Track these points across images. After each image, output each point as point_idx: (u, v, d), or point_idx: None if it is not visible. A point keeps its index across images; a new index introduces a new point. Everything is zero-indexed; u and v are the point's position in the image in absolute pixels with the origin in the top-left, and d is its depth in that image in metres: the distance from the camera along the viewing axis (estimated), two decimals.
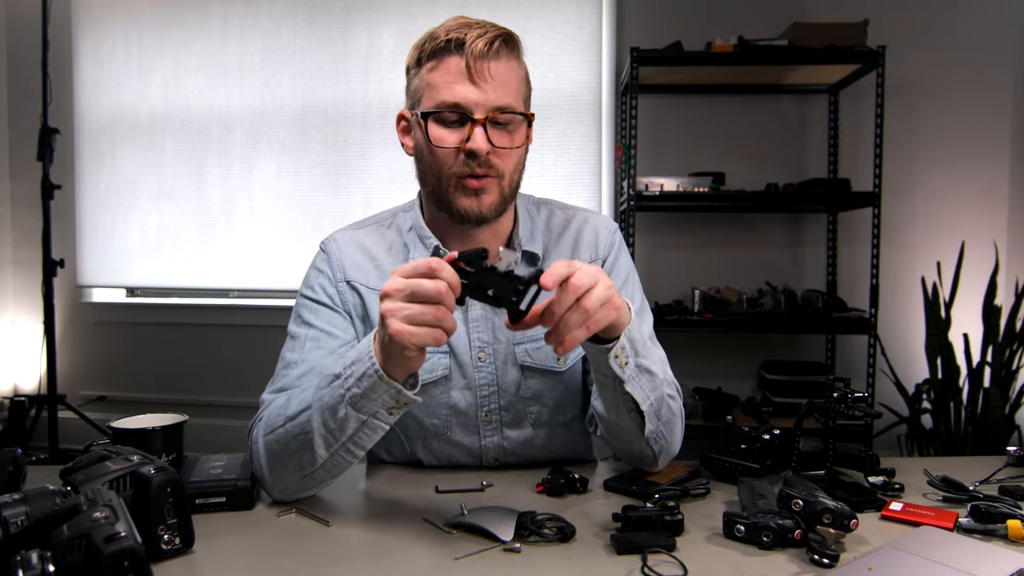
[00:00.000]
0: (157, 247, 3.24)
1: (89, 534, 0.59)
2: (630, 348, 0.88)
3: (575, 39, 2.92)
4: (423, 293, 0.76)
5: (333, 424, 0.85)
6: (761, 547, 0.77)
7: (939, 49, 2.79)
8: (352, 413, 0.83)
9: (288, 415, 0.90)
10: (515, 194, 1.06)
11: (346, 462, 0.88)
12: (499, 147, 0.98)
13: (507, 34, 0.99)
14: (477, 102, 0.95)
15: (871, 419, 2.20)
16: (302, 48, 3.11)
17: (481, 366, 1.07)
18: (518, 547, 0.77)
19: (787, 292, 2.73)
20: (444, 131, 0.98)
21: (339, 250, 1.10)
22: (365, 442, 0.86)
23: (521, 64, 1.03)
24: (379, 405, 0.83)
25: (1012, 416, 2.35)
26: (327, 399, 0.85)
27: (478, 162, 0.96)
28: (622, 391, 0.90)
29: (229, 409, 3.11)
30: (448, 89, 0.96)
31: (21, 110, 3.29)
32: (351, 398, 0.82)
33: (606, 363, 0.87)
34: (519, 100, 1.00)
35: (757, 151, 2.87)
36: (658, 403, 0.94)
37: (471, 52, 0.95)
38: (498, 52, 0.97)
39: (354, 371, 0.82)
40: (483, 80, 0.95)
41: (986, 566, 0.70)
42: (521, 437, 1.09)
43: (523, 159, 1.04)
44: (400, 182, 3.03)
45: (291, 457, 0.89)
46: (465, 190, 0.99)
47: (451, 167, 0.98)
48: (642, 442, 0.96)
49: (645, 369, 0.91)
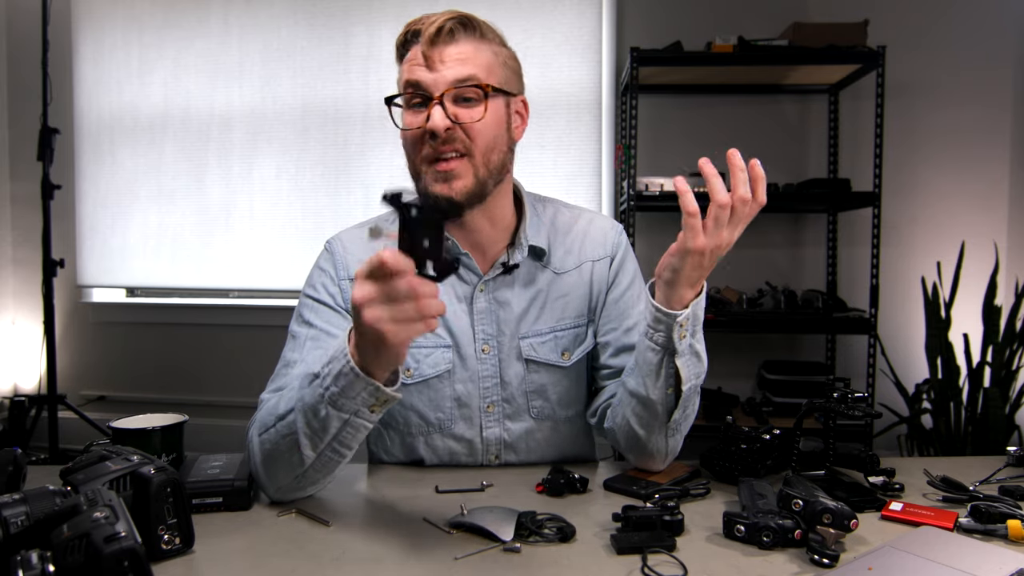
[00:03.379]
0: (157, 247, 3.23)
1: (89, 534, 0.59)
2: (692, 323, 0.90)
3: (575, 39, 2.92)
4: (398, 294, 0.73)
5: (316, 424, 0.84)
6: (761, 547, 0.77)
7: (939, 49, 2.79)
8: (333, 412, 0.82)
9: (278, 415, 0.89)
10: (496, 176, 1.03)
11: (334, 461, 0.88)
12: (461, 123, 0.97)
13: (463, 17, 1.00)
14: (434, 80, 0.97)
15: (871, 419, 2.20)
16: (302, 48, 3.11)
17: (485, 358, 1.08)
18: (518, 547, 0.77)
19: (787, 292, 2.73)
20: (410, 115, 1.00)
21: (344, 248, 1.10)
22: (350, 441, 0.86)
23: (494, 48, 1.02)
24: (359, 403, 0.81)
25: (1012, 416, 2.35)
26: (308, 399, 0.84)
27: (440, 140, 0.97)
28: (669, 363, 0.91)
29: (229, 409, 3.11)
30: (409, 72, 0.99)
31: (21, 110, 3.29)
32: (330, 397, 0.81)
33: (668, 332, 0.89)
34: (490, 77, 0.99)
35: (757, 151, 2.83)
36: (693, 391, 0.95)
37: (424, 38, 0.97)
38: (452, 33, 0.98)
39: (331, 369, 0.81)
40: (438, 62, 0.97)
41: (986, 566, 0.70)
42: (522, 430, 1.10)
43: (501, 139, 1.02)
44: (400, 182, 3.02)
45: (282, 457, 0.88)
46: (436, 175, 0.99)
47: (421, 150, 0.99)
48: (661, 432, 0.97)
49: (696, 352, 0.93)
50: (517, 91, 1.06)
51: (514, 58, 1.06)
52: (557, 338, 1.10)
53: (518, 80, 1.07)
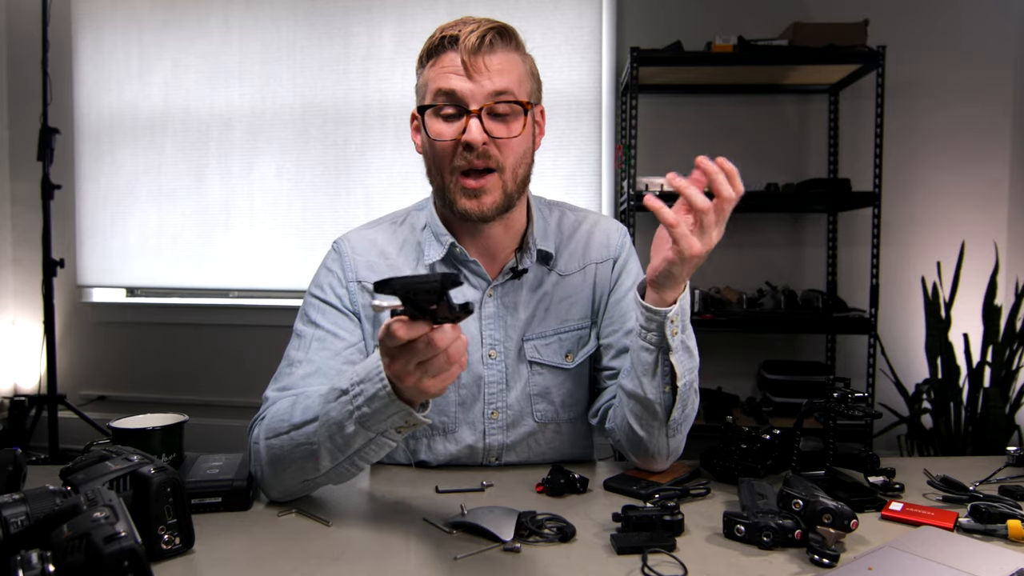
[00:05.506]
0: (157, 247, 3.23)
1: (89, 534, 0.59)
2: (681, 319, 0.91)
3: (575, 39, 2.92)
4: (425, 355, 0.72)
5: (340, 440, 0.83)
6: (761, 547, 0.77)
7: (939, 49, 2.79)
8: (360, 430, 0.82)
9: (293, 423, 0.89)
10: (521, 189, 1.04)
11: (350, 473, 0.88)
12: (496, 137, 0.97)
13: (501, 27, 0.99)
14: (472, 92, 0.96)
15: (871, 419, 2.19)
16: (302, 48, 3.11)
17: (491, 363, 1.08)
18: (518, 547, 0.77)
19: (787, 292, 2.73)
20: (442, 125, 0.98)
21: (352, 249, 1.10)
22: (371, 457, 0.86)
23: (524, 57, 1.03)
24: (388, 424, 0.81)
25: (1012, 416, 2.35)
26: (334, 414, 0.83)
27: (475, 154, 0.96)
28: (664, 361, 0.92)
29: (229, 409, 3.11)
30: (444, 80, 0.97)
31: (21, 110, 3.29)
32: (360, 416, 0.81)
33: (661, 328, 0.90)
34: (521, 90, 0.99)
35: (757, 151, 2.87)
36: (689, 388, 0.96)
37: (464, 47, 0.95)
38: (492, 45, 0.97)
39: (364, 390, 0.80)
40: (477, 73, 0.96)
41: (986, 566, 0.70)
42: (524, 433, 1.10)
43: (528, 152, 1.03)
44: (399, 182, 3.03)
45: (293, 463, 0.88)
46: (465, 191, 0.99)
47: (451, 161, 0.98)
48: (662, 432, 0.97)
49: (688, 348, 0.94)
50: (538, 100, 1.06)
51: (535, 65, 1.06)
52: (561, 340, 1.10)
53: (539, 88, 1.07)
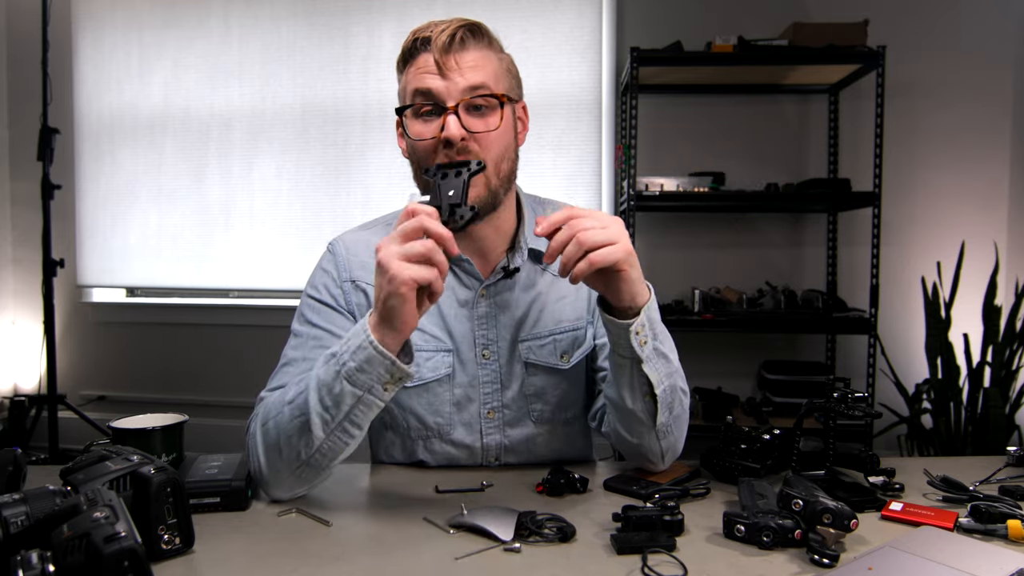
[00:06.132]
0: (157, 247, 3.23)
1: (89, 534, 0.59)
2: (649, 328, 0.90)
3: (575, 39, 2.91)
4: (410, 232, 0.80)
5: (329, 400, 0.85)
6: (761, 547, 0.77)
7: (939, 49, 2.79)
8: (348, 388, 0.84)
9: (286, 400, 0.91)
10: (506, 185, 1.03)
11: (342, 443, 0.88)
12: (475, 132, 0.97)
13: (473, 25, 1.00)
14: (447, 89, 0.96)
15: (871, 419, 2.20)
16: (302, 48, 3.11)
17: (485, 364, 1.07)
18: (518, 547, 0.77)
19: (787, 292, 2.73)
20: (421, 125, 0.99)
21: (346, 250, 1.10)
22: (361, 420, 0.87)
23: (499, 55, 1.03)
24: (375, 379, 0.84)
25: (1012, 416, 2.35)
26: (323, 376, 0.86)
27: (456, 150, 0.96)
28: (638, 372, 0.91)
29: (229, 409, 3.11)
30: (419, 81, 0.98)
31: (21, 110, 3.29)
32: (347, 372, 0.84)
33: (627, 340, 0.89)
34: (497, 85, 1.00)
35: (757, 151, 2.87)
36: (671, 392, 0.95)
37: (436, 46, 0.96)
38: (463, 42, 0.98)
39: (350, 345, 0.84)
40: (451, 70, 0.97)
41: (986, 566, 0.70)
42: (523, 435, 1.09)
43: (510, 147, 1.03)
44: (399, 182, 3.03)
45: (288, 442, 0.89)
46: None
47: (433, 160, 0.98)
48: (652, 435, 0.97)
49: (662, 354, 0.94)
50: (519, 97, 1.07)
51: (513, 63, 1.07)
52: (556, 341, 1.10)
53: (519, 86, 1.08)
